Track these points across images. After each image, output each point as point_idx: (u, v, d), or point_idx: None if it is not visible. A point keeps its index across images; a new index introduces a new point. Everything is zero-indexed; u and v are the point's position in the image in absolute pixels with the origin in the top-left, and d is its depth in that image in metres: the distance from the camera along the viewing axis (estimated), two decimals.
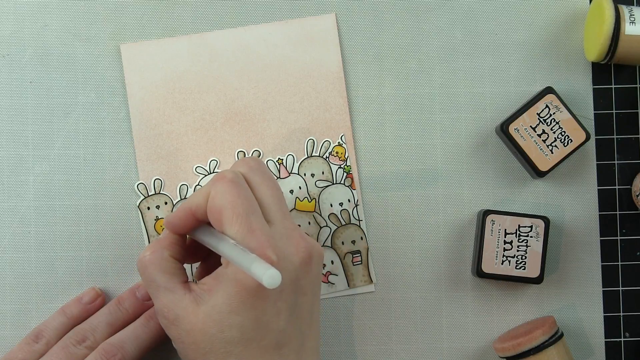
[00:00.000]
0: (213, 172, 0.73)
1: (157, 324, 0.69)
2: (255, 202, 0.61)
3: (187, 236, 0.66)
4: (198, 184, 0.73)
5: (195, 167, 0.73)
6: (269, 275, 0.54)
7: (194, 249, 0.66)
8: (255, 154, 0.73)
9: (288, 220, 0.63)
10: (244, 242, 0.59)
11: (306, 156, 0.73)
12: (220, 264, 0.63)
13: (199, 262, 0.69)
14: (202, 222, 0.63)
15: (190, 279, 0.71)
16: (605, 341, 0.74)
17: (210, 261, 0.68)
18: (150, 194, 0.73)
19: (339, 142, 0.73)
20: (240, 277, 0.59)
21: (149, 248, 0.64)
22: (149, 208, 0.73)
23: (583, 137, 0.71)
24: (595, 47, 0.71)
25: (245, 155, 0.73)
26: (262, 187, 0.63)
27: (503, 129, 0.71)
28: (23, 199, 0.73)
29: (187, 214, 0.63)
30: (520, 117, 0.71)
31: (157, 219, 0.73)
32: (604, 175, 0.74)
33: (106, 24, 0.73)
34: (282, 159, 0.73)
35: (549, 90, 0.71)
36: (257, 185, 0.63)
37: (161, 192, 0.73)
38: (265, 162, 0.73)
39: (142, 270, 0.63)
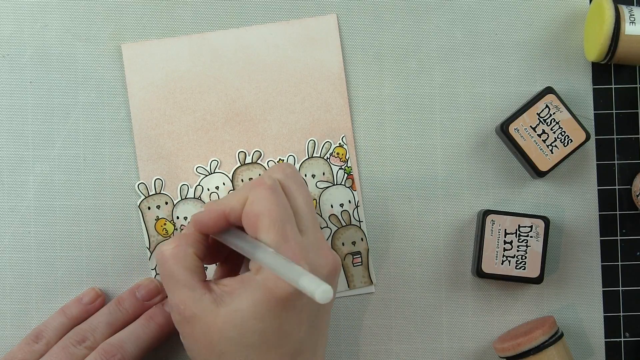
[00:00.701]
0: (214, 172, 0.73)
1: (157, 324, 0.69)
2: (290, 210, 0.61)
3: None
4: (199, 184, 0.73)
5: (195, 167, 0.73)
6: (322, 291, 0.53)
7: (215, 250, 0.65)
8: (256, 154, 0.73)
9: (318, 230, 0.62)
10: (279, 251, 0.58)
11: (307, 157, 0.73)
12: (238, 267, 0.63)
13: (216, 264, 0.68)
14: (232, 225, 0.63)
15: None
16: (605, 341, 0.74)
17: (228, 264, 0.67)
18: (150, 193, 0.73)
19: (339, 143, 0.73)
20: (270, 285, 0.58)
21: (171, 241, 0.63)
22: (149, 208, 0.73)
23: (583, 137, 0.72)
24: (595, 47, 0.71)
25: (246, 156, 0.73)
26: (297, 195, 0.62)
27: (503, 129, 0.71)
28: (23, 199, 0.73)
29: (219, 215, 0.62)
30: (520, 117, 0.71)
31: (157, 219, 0.73)
32: (604, 175, 0.74)
33: (106, 24, 0.73)
34: (283, 160, 0.73)
35: (549, 90, 0.71)
36: (293, 193, 0.62)
37: (162, 192, 0.73)
38: (266, 163, 0.73)
39: (162, 263, 0.62)
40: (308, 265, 0.59)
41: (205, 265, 0.65)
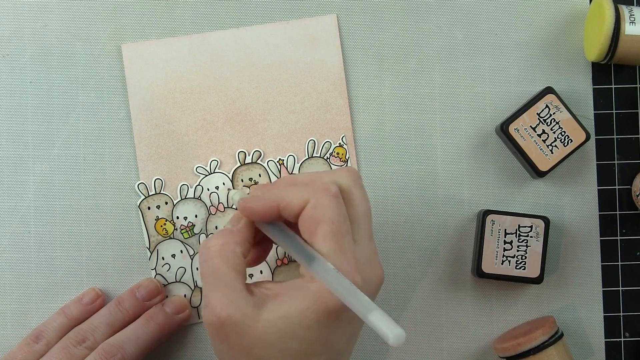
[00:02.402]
0: (213, 172, 0.73)
1: (157, 324, 0.69)
2: (349, 221, 0.59)
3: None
4: (198, 184, 0.73)
5: (195, 167, 0.73)
6: (396, 335, 0.51)
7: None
8: (256, 154, 0.73)
9: (372, 242, 0.61)
10: (337, 262, 0.56)
11: (307, 157, 0.73)
12: (266, 254, 0.62)
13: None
14: (281, 218, 0.60)
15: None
16: (605, 341, 0.74)
17: (260, 248, 0.65)
18: (150, 193, 0.73)
19: (339, 143, 0.73)
20: (324, 296, 0.56)
21: (219, 237, 0.60)
22: (149, 208, 0.73)
23: (583, 137, 0.72)
24: (595, 47, 0.71)
25: (246, 156, 0.73)
26: (358, 205, 0.60)
27: (503, 129, 0.71)
28: (23, 199, 0.73)
29: (272, 206, 0.59)
30: (520, 117, 0.71)
31: (157, 219, 0.73)
32: (604, 175, 0.74)
33: (106, 24, 0.73)
34: (283, 160, 0.73)
35: (549, 90, 0.71)
36: (354, 201, 0.60)
37: (161, 192, 0.73)
38: (266, 163, 0.73)
39: (206, 259, 0.59)
40: (361, 279, 0.57)
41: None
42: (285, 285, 0.59)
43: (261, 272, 0.73)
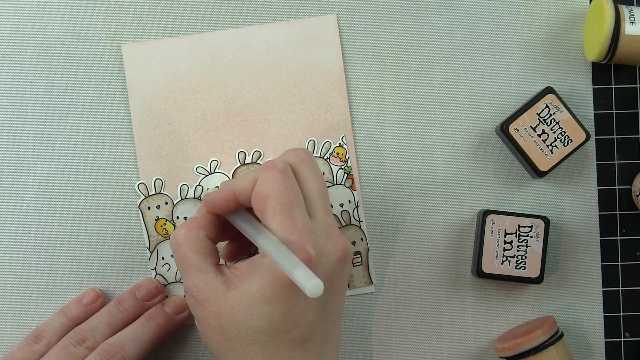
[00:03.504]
0: (214, 173, 0.73)
1: (157, 324, 0.69)
2: (300, 194, 0.61)
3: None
4: (198, 184, 0.73)
5: (196, 167, 0.73)
6: (312, 285, 0.54)
7: (225, 228, 0.65)
8: (256, 154, 0.73)
9: (329, 216, 0.62)
10: (285, 233, 0.59)
11: None
12: (247, 246, 0.64)
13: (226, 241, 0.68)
14: (242, 206, 0.63)
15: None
16: (605, 341, 0.74)
17: (238, 241, 0.67)
18: (150, 193, 0.73)
19: (339, 143, 0.73)
20: (277, 268, 0.58)
21: (184, 226, 0.63)
22: (149, 208, 0.73)
23: (583, 137, 0.72)
24: (595, 47, 0.71)
25: (246, 156, 0.73)
26: (309, 181, 0.62)
27: (503, 129, 0.71)
28: (23, 199, 0.73)
29: (229, 196, 0.62)
30: (520, 117, 0.71)
31: (157, 219, 0.73)
32: (604, 175, 0.74)
33: (106, 24, 0.73)
34: None
35: (549, 90, 0.71)
36: (305, 177, 0.62)
37: (162, 192, 0.73)
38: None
39: (175, 248, 0.63)
40: (315, 250, 0.59)
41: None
42: (247, 262, 0.61)
43: None
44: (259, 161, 0.73)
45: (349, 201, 0.73)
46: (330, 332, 0.63)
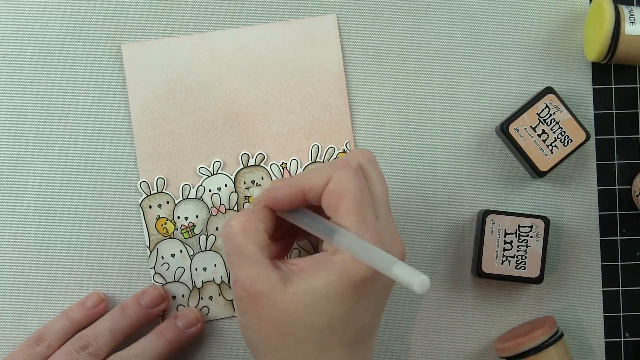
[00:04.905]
0: (216, 174, 0.73)
1: (167, 340, 0.69)
2: (369, 195, 0.60)
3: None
4: (200, 185, 0.73)
5: (198, 167, 0.73)
6: (420, 281, 0.52)
7: (276, 227, 0.64)
8: (259, 157, 0.73)
9: (391, 218, 0.61)
10: (357, 233, 0.57)
11: (310, 161, 0.73)
12: (288, 248, 0.63)
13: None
14: (306, 204, 0.61)
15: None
16: (605, 341, 0.74)
17: (279, 243, 0.66)
18: (152, 192, 0.73)
19: (343, 149, 0.73)
20: (348, 267, 0.57)
21: (241, 215, 0.60)
22: (150, 207, 0.73)
23: (583, 137, 0.72)
24: (595, 47, 0.71)
25: (249, 158, 0.73)
26: (376, 181, 0.61)
27: (503, 129, 0.71)
28: (23, 199, 0.73)
29: (297, 192, 0.60)
30: (520, 117, 0.71)
31: (158, 218, 0.73)
32: (604, 175, 0.74)
33: (106, 24, 0.73)
34: (286, 164, 0.73)
35: (549, 90, 0.71)
36: (372, 178, 0.61)
37: (163, 191, 0.73)
38: (269, 166, 0.73)
39: (229, 237, 0.60)
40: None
41: None
42: (309, 259, 0.59)
43: None
44: (262, 164, 0.73)
45: None
46: (374, 334, 0.62)
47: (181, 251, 0.73)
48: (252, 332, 0.60)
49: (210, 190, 0.73)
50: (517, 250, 0.71)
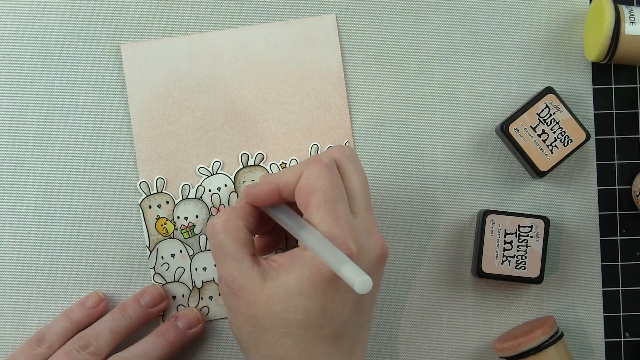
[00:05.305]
0: (216, 173, 0.73)
1: (167, 341, 0.70)
2: (344, 190, 0.61)
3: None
4: (200, 185, 0.73)
5: (198, 167, 0.73)
6: (361, 281, 0.54)
7: (261, 222, 0.65)
8: (259, 157, 0.73)
9: (371, 214, 0.62)
10: (328, 228, 0.58)
11: None
12: (278, 240, 0.64)
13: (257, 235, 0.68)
14: (284, 200, 0.62)
15: None
16: (605, 341, 0.74)
17: (269, 236, 0.67)
18: (152, 192, 0.73)
19: None
20: (318, 262, 0.58)
21: (222, 214, 0.62)
22: (150, 207, 0.73)
23: (583, 137, 0.71)
24: (595, 47, 0.71)
25: (249, 158, 0.73)
26: (353, 177, 0.62)
27: (503, 129, 0.71)
28: (23, 199, 0.73)
29: (272, 189, 0.62)
30: (520, 117, 0.71)
31: (157, 218, 0.73)
32: (604, 175, 0.74)
33: (106, 24, 0.73)
34: (286, 163, 0.73)
35: (549, 90, 0.71)
36: (349, 174, 0.62)
37: (163, 191, 0.73)
38: (269, 166, 0.73)
39: (212, 236, 0.62)
40: (356, 246, 0.58)
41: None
42: (287, 255, 0.60)
43: None
44: (261, 163, 0.73)
45: None
46: (362, 330, 0.63)
47: (181, 251, 0.73)
48: (236, 328, 0.62)
49: (210, 190, 0.73)
50: (517, 250, 0.71)
